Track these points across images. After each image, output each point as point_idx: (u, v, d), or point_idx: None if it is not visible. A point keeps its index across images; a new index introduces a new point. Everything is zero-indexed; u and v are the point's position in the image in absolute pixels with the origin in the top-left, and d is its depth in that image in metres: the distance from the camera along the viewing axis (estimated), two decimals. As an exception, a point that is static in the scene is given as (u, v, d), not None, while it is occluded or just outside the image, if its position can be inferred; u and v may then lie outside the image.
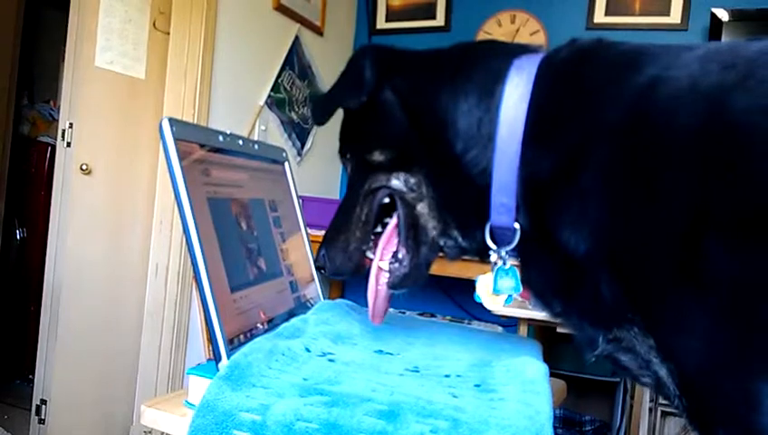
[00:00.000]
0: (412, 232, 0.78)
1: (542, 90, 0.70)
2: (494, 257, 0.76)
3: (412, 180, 0.77)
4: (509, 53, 0.75)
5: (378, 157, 0.78)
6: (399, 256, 0.79)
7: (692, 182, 0.57)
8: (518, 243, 0.73)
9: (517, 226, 0.72)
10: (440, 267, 0.92)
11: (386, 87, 0.79)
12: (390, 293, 0.82)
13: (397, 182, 0.78)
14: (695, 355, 0.58)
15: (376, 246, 0.81)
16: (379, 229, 0.82)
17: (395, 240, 0.80)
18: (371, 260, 0.81)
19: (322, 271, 0.84)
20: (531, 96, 0.70)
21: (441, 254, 0.82)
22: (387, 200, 0.79)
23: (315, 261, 0.85)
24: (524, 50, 0.76)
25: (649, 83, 0.63)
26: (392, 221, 0.80)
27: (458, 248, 0.80)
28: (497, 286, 0.77)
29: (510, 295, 0.78)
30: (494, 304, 0.80)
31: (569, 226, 0.66)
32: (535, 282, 0.74)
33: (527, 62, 0.72)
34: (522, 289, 0.77)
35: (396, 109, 0.78)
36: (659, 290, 0.60)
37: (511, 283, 0.77)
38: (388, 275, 0.80)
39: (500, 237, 0.74)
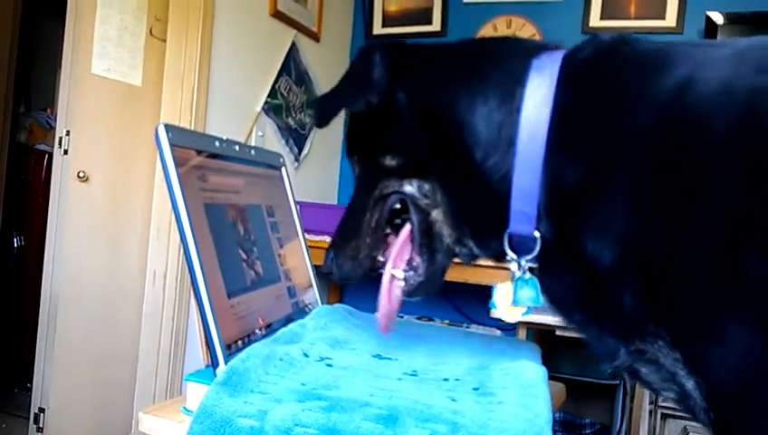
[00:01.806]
0: (426, 239, 0.76)
1: (566, 91, 0.67)
2: (513, 267, 0.73)
3: (426, 186, 0.74)
4: (528, 51, 0.71)
5: (389, 162, 0.75)
6: (414, 263, 0.77)
7: (730, 190, 0.56)
8: (538, 251, 0.70)
9: (537, 234, 0.69)
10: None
11: (396, 88, 0.75)
12: (401, 302, 0.79)
13: (410, 188, 0.75)
14: (727, 368, 0.56)
15: (385, 249, 0.79)
16: (388, 231, 0.79)
17: (408, 247, 0.77)
18: (381, 263, 0.79)
19: (330, 276, 0.82)
20: (554, 98, 0.67)
21: (456, 259, 0.79)
22: (398, 206, 0.77)
23: (323, 266, 0.82)
24: (543, 48, 0.72)
25: (681, 84, 0.60)
26: (405, 229, 0.77)
27: (471, 255, 0.77)
28: (517, 297, 0.74)
29: (529, 307, 0.75)
30: (512, 315, 0.77)
31: (596, 234, 0.63)
32: (554, 291, 0.72)
33: (548, 60, 0.69)
34: (542, 301, 0.74)
35: (407, 112, 0.74)
36: (692, 300, 0.58)
37: (531, 293, 0.73)
38: (402, 283, 0.77)
39: (519, 246, 0.72)
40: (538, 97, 0.67)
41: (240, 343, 0.74)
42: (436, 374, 0.76)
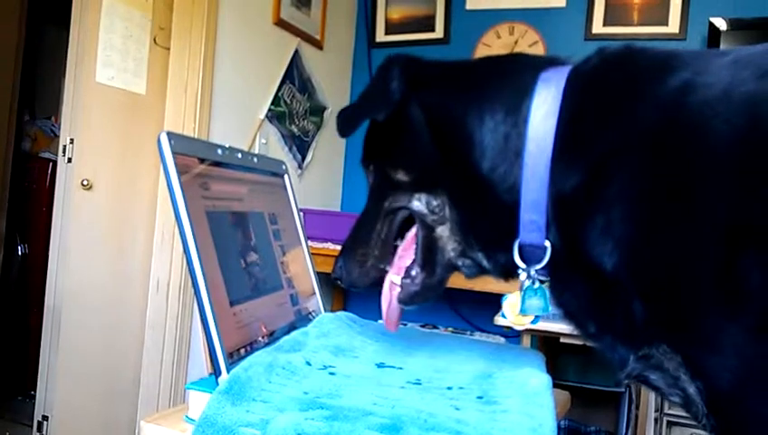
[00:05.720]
0: (429, 254, 0.77)
1: (572, 102, 0.68)
2: (523, 277, 0.74)
3: (434, 202, 0.76)
4: (535, 66, 0.73)
5: (401, 176, 0.77)
6: (412, 273, 0.79)
7: (729, 195, 0.56)
8: (548, 261, 0.71)
9: (548, 243, 0.70)
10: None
11: (412, 101, 0.77)
12: (400, 308, 0.81)
13: (418, 204, 0.76)
14: (726, 374, 0.56)
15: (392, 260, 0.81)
16: (396, 243, 0.81)
17: (411, 254, 0.79)
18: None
19: (339, 281, 0.84)
20: (560, 110, 0.68)
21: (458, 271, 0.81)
22: (406, 214, 0.78)
23: (332, 272, 0.85)
24: (552, 62, 0.74)
25: (682, 88, 0.61)
26: (410, 233, 0.79)
27: (478, 268, 0.78)
28: (525, 306, 0.75)
29: (537, 316, 0.76)
30: (521, 323, 0.79)
31: (599, 240, 0.64)
32: (567, 302, 0.72)
33: (554, 74, 0.71)
34: (550, 310, 0.75)
35: (421, 125, 0.76)
36: (691, 306, 0.58)
37: (539, 303, 0.75)
38: (398, 289, 0.79)
39: (529, 256, 0.72)
40: (544, 109, 0.69)
41: (242, 351, 0.74)
42: (440, 383, 0.75)
